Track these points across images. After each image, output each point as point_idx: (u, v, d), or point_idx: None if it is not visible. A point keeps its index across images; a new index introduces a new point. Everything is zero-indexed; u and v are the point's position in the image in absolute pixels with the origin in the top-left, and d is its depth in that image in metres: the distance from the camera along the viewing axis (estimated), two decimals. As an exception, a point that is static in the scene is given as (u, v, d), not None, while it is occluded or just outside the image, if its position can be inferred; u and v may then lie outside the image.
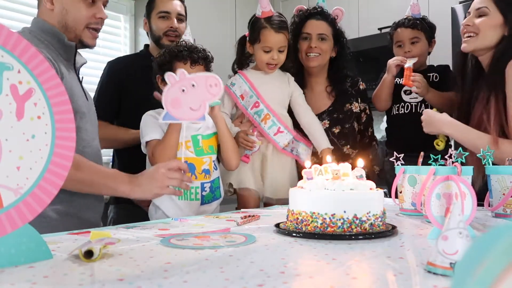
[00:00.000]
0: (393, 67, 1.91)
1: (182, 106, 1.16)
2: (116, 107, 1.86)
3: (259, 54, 1.76)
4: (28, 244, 0.67)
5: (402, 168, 1.24)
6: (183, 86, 1.15)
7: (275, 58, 1.73)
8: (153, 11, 1.98)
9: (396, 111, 1.97)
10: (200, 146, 1.50)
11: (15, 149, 0.67)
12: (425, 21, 1.95)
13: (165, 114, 1.17)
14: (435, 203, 0.93)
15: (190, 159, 1.46)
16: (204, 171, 1.48)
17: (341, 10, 1.90)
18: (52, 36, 1.30)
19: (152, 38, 2.00)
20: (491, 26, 1.52)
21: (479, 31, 1.53)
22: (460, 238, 0.59)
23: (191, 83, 1.15)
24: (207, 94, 1.16)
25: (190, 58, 1.46)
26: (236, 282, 0.56)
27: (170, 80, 1.15)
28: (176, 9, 1.97)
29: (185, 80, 1.15)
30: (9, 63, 0.66)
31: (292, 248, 0.79)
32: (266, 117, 1.77)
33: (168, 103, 1.16)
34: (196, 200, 1.47)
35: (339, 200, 0.88)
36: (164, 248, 0.78)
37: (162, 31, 1.94)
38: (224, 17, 3.32)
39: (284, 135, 1.78)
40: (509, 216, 1.15)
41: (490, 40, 1.53)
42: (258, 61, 1.78)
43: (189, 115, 1.17)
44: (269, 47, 1.73)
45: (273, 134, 1.77)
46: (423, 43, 1.93)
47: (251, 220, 1.13)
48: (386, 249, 0.78)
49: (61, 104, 0.72)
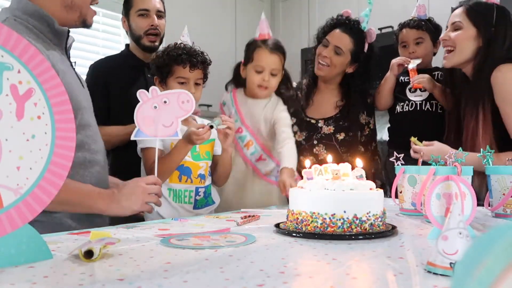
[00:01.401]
0: (395, 66, 1.93)
1: (155, 123, 1.18)
2: (105, 109, 1.79)
3: (250, 74, 1.70)
4: (28, 244, 0.67)
5: (402, 168, 1.24)
6: (155, 103, 1.18)
7: (266, 79, 1.66)
8: (132, 9, 1.92)
9: (401, 109, 1.97)
10: (197, 151, 1.49)
11: (15, 149, 0.67)
12: (430, 22, 1.97)
13: (137, 131, 1.18)
14: (435, 203, 0.93)
15: (187, 163, 1.45)
16: (199, 176, 1.48)
17: (373, 31, 1.88)
18: (40, 20, 1.19)
19: (132, 37, 1.94)
20: (466, 38, 1.56)
21: (455, 45, 1.57)
22: (460, 238, 0.59)
23: (163, 100, 1.18)
24: (180, 110, 1.19)
25: (190, 62, 1.45)
26: (236, 282, 0.56)
27: (142, 98, 1.18)
28: (155, 6, 1.91)
29: (157, 97, 1.18)
30: (9, 63, 0.66)
31: (292, 248, 0.79)
32: (248, 143, 1.74)
33: (140, 120, 1.18)
34: (189, 203, 1.46)
35: (339, 200, 0.88)
36: (164, 248, 0.78)
37: (142, 30, 1.88)
38: (224, 17, 3.32)
39: (266, 163, 1.75)
40: (509, 216, 1.15)
41: (467, 53, 1.56)
42: (249, 83, 1.72)
43: (162, 132, 1.19)
44: (262, 66, 1.67)
45: (255, 160, 1.74)
46: (428, 44, 1.94)
47: (251, 220, 1.13)
48: (386, 249, 0.78)
49: (61, 104, 0.72)
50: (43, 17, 1.19)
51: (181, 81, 1.46)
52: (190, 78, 1.47)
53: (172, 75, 1.47)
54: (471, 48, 1.55)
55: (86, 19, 1.26)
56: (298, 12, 3.45)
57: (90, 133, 1.25)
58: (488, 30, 1.53)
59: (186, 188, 1.46)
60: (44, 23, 1.19)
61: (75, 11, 1.23)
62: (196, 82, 1.49)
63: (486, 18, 1.54)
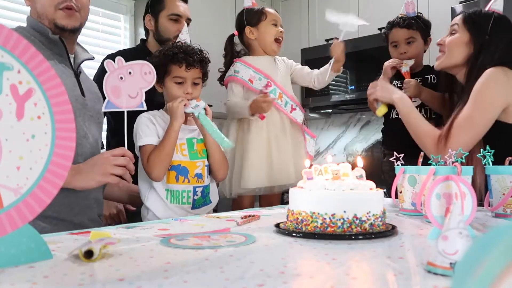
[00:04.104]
0: (388, 70, 1.91)
1: (122, 94, 1.20)
2: None
3: (268, 30, 1.87)
4: (28, 244, 0.67)
5: (402, 168, 1.24)
6: (121, 74, 1.20)
7: (281, 31, 1.88)
8: (164, 11, 1.96)
9: (396, 115, 1.96)
10: (195, 149, 1.48)
11: (15, 149, 0.67)
12: (420, 19, 1.93)
13: (107, 103, 1.20)
14: (435, 203, 0.93)
15: (184, 162, 1.45)
16: (197, 175, 1.46)
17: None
18: (40, 32, 1.27)
19: (157, 37, 1.97)
20: (457, 44, 1.56)
21: (446, 49, 1.59)
22: (460, 238, 0.59)
23: (128, 71, 1.21)
24: (143, 81, 1.21)
25: (186, 61, 1.44)
26: (236, 282, 0.56)
27: (109, 68, 1.20)
28: (186, 13, 1.99)
29: (123, 68, 1.20)
30: (9, 63, 0.66)
31: (292, 248, 0.79)
32: (279, 96, 1.86)
33: (109, 90, 1.20)
34: (188, 204, 1.45)
35: (339, 200, 0.88)
36: (164, 248, 0.78)
37: (172, 34, 1.92)
38: (224, 17, 3.32)
39: (298, 112, 1.90)
40: (509, 216, 1.15)
41: (457, 58, 1.56)
42: (264, 40, 1.88)
43: (128, 103, 1.21)
44: (275, 20, 1.87)
45: (289, 111, 1.87)
46: (419, 42, 1.92)
47: (251, 220, 1.13)
48: (386, 249, 0.78)
49: (61, 104, 0.72)
50: (40, 29, 1.27)
51: (178, 81, 1.46)
52: (187, 78, 1.45)
53: (169, 75, 1.46)
54: (461, 53, 1.55)
55: (57, 22, 1.27)
56: (298, 12, 3.45)
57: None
58: (481, 37, 1.52)
59: (183, 189, 1.44)
60: (43, 34, 1.27)
61: (43, 19, 1.28)
62: (194, 81, 1.47)
63: (481, 26, 1.54)
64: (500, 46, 1.50)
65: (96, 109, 1.39)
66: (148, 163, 1.39)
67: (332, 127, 3.70)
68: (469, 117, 1.44)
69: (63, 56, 1.30)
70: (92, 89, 1.42)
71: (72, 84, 1.30)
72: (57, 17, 1.27)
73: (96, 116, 1.40)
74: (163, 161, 1.39)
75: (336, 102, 3.21)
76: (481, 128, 1.44)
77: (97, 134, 1.42)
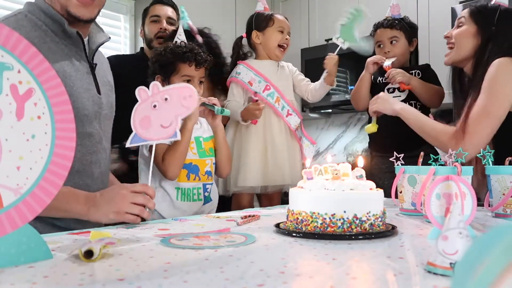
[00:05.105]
0: (370, 65, 1.97)
1: (152, 124, 1.03)
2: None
3: (273, 36, 1.91)
4: (28, 244, 0.67)
5: (402, 168, 1.24)
6: (155, 101, 1.04)
7: (287, 38, 1.93)
8: (147, 17, 2.14)
9: None
10: (203, 148, 1.51)
11: (15, 149, 0.67)
12: (404, 21, 2.00)
13: (133, 136, 1.04)
14: (435, 203, 0.93)
15: (194, 160, 1.47)
16: (207, 173, 1.50)
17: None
18: (53, 20, 1.14)
19: (145, 41, 2.15)
20: (465, 35, 1.57)
21: (454, 41, 1.59)
22: (460, 238, 0.59)
23: (164, 97, 1.04)
24: (180, 107, 1.04)
25: (195, 60, 1.47)
26: (236, 282, 0.56)
27: (141, 96, 1.04)
28: (166, 13, 2.13)
29: (158, 94, 1.04)
30: (9, 63, 0.66)
31: (292, 248, 0.79)
32: (277, 99, 1.91)
33: (137, 123, 1.03)
34: (199, 200, 1.48)
35: (339, 200, 0.88)
36: (164, 248, 0.78)
37: (153, 33, 2.08)
38: (224, 18, 3.32)
39: (293, 117, 1.93)
40: (509, 216, 1.15)
41: (466, 50, 1.57)
42: (268, 46, 1.93)
43: (160, 134, 1.04)
44: (282, 27, 1.91)
45: (284, 115, 1.91)
46: (403, 42, 1.98)
47: (251, 220, 1.13)
48: (386, 249, 0.78)
49: (61, 104, 0.72)
50: (54, 16, 1.15)
51: (187, 79, 1.49)
52: (195, 76, 1.49)
53: (177, 73, 1.49)
54: (469, 45, 1.56)
55: (70, 11, 1.14)
56: (298, 12, 3.45)
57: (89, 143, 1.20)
58: (488, 28, 1.53)
59: (194, 186, 1.47)
60: (56, 22, 1.15)
61: (56, 4, 1.15)
62: (200, 80, 1.51)
63: (488, 17, 1.55)
64: (508, 37, 1.51)
65: (110, 102, 1.32)
66: (164, 163, 1.40)
67: (332, 127, 3.70)
68: (484, 109, 1.44)
69: (78, 47, 1.20)
70: (105, 79, 1.32)
71: (88, 83, 1.22)
72: (70, 5, 1.14)
73: (110, 111, 1.32)
74: (178, 160, 1.40)
75: (336, 102, 3.21)
76: (497, 120, 1.44)
77: (109, 131, 1.34)
